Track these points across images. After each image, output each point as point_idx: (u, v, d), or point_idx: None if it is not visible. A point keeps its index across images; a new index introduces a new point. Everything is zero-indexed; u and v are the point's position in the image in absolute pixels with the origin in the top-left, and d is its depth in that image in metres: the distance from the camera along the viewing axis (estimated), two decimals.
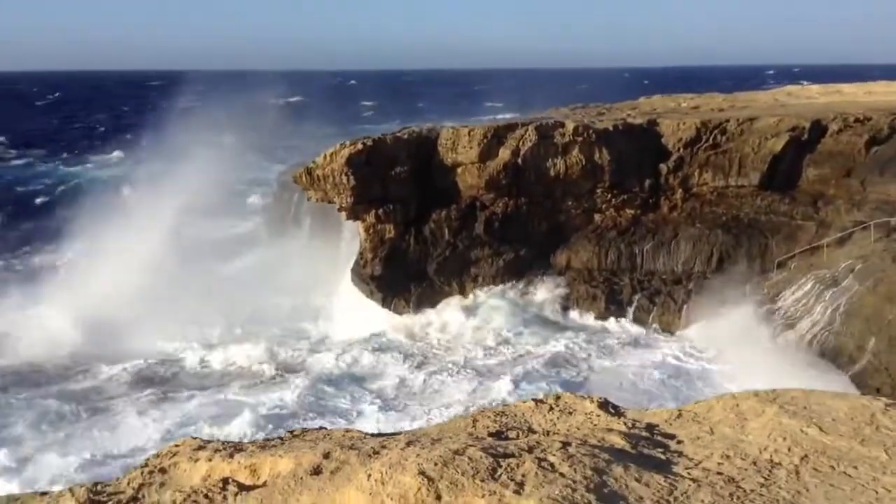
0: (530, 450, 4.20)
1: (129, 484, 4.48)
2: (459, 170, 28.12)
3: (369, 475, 3.85)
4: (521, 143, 27.42)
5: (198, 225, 41.96)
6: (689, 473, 4.26)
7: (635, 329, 25.30)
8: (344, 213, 28.74)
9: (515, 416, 5.34)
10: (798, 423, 4.88)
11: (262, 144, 64.46)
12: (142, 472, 4.62)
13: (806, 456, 4.50)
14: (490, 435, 4.75)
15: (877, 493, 4.14)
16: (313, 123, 74.51)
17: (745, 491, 4.08)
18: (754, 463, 4.43)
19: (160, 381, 24.54)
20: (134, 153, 65.42)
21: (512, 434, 4.81)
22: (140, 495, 4.32)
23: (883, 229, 23.03)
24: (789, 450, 4.56)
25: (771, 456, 4.51)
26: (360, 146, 27.61)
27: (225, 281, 33.21)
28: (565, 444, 4.31)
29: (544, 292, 27.34)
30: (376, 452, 4.30)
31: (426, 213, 28.36)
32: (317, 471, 4.21)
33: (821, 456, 4.51)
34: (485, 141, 27.53)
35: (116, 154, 62.90)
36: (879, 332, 18.30)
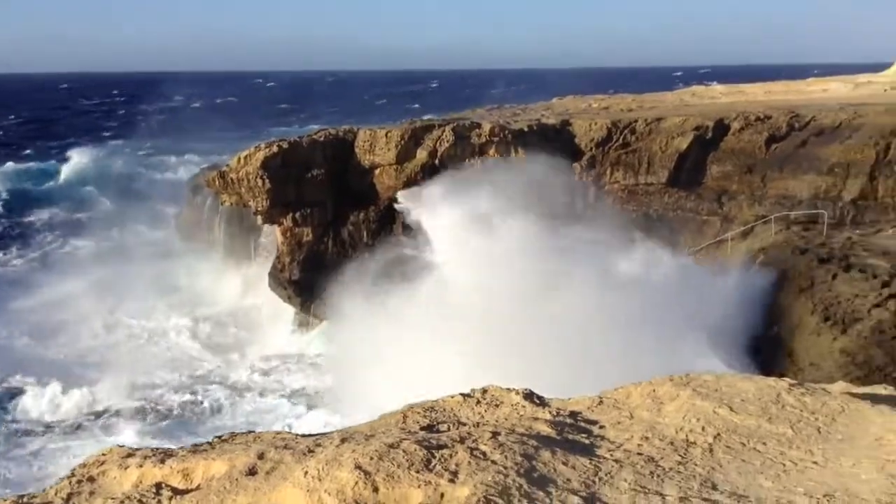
0: (462, 440, 4.34)
1: (56, 494, 4.41)
2: (377, 171, 28.12)
3: (306, 472, 3.91)
4: (438, 143, 27.63)
5: (96, 235, 40.78)
6: (611, 455, 4.47)
7: None
8: (260, 217, 28.42)
9: (444, 410, 5.47)
10: (710, 404, 5.17)
11: (174, 148, 63.23)
12: (69, 482, 4.55)
13: (718, 434, 4.78)
14: (422, 429, 4.87)
15: (784, 465, 4.45)
16: (230, 125, 73.55)
17: (664, 469, 4.32)
18: (671, 443, 4.68)
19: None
20: (31, 159, 63.23)
21: (443, 427, 4.94)
22: None
23: (783, 222, 24.20)
24: (703, 429, 4.84)
25: (686, 436, 4.77)
26: (275, 149, 27.35)
27: (129, 294, 32.22)
28: (495, 434, 4.47)
29: None
30: (311, 451, 4.36)
31: (344, 215, 28.27)
32: (252, 471, 4.24)
33: (732, 434, 4.80)
34: (402, 142, 27.61)
35: (9, 164, 60.54)
36: (782, 320, 19.24)
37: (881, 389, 6.35)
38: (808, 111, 28.07)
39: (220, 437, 5.47)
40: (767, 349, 18.74)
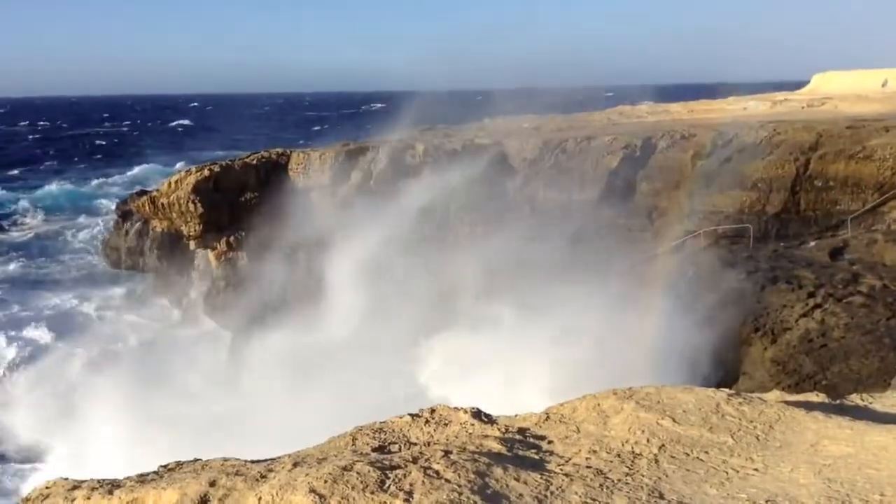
0: (415, 460, 4.37)
1: None
2: (312, 194, 27.96)
3: (259, 498, 3.88)
4: (372, 165, 27.66)
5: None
6: (561, 469, 4.56)
7: None
8: (192, 242, 27.94)
9: (394, 431, 5.48)
10: (654, 416, 5.31)
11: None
12: None
13: (663, 445, 4.91)
14: (373, 450, 4.87)
15: (727, 473, 4.60)
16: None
17: (612, 481, 4.42)
18: (618, 455, 4.79)
19: None
20: None
21: (394, 448, 4.96)
22: None
23: (711, 237, 24.90)
24: (648, 441, 4.97)
25: (632, 448, 4.89)
26: (206, 172, 27.01)
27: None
28: (447, 452, 4.51)
29: None
30: (263, 476, 4.33)
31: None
32: (204, 499, 4.18)
33: (676, 444, 4.94)
34: (336, 164, 27.55)
35: None
36: (715, 332, 19.74)
37: (813, 397, 6.61)
38: (731, 129, 29.00)
39: (165, 466, 5.36)
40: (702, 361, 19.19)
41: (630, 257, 26.23)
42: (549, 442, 5.10)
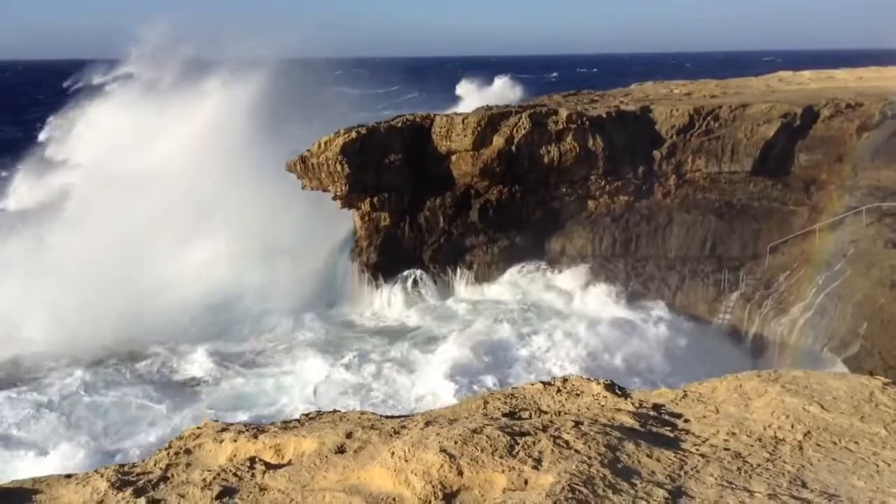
0: (544, 428, 4.37)
1: (156, 464, 4.63)
2: (453, 157, 28.20)
3: (392, 453, 4.01)
4: (514, 130, 27.51)
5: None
6: (697, 450, 4.43)
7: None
8: (339, 202, 28.83)
9: (525, 397, 5.50)
10: (800, 401, 5.06)
11: None
12: (167, 454, 4.77)
13: (809, 432, 4.68)
14: (503, 415, 4.91)
15: (877, 466, 4.33)
16: None
17: (751, 465, 4.25)
18: (759, 439, 4.60)
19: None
20: None
21: (524, 414, 4.98)
22: (169, 475, 4.47)
23: (874, 214, 23.28)
24: (792, 427, 4.74)
25: (775, 432, 4.69)
26: (354, 134, 27.68)
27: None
28: (578, 423, 4.48)
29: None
30: (397, 432, 4.46)
31: (421, 200, 28.46)
32: (341, 449, 4.36)
33: (823, 432, 4.69)
34: (479, 129, 27.59)
35: None
36: (871, 316, 18.54)
37: None
38: None
39: (307, 415, 5.63)
40: (856, 347, 18.13)
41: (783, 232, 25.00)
42: (686, 420, 4.97)
